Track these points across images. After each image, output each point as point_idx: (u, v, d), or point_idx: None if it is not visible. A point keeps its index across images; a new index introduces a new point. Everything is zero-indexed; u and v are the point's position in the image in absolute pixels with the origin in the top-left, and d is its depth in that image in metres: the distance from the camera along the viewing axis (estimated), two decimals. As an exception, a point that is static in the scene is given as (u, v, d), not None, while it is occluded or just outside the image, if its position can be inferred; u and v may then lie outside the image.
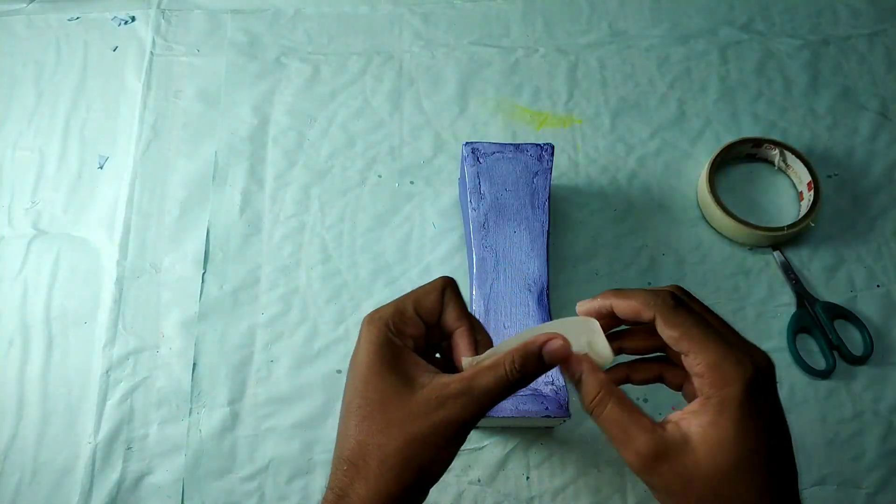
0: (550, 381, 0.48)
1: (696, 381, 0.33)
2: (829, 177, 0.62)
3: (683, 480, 0.31)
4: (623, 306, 0.35)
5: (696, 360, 0.32)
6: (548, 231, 0.53)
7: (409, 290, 0.58)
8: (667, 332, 0.33)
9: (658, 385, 0.41)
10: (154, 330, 0.58)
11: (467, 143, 0.55)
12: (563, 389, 0.48)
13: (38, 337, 0.58)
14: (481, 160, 0.55)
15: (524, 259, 0.53)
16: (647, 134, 0.65)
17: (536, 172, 0.55)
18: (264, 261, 0.60)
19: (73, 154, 0.65)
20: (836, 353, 0.56)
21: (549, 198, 0.54)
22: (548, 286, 0.52)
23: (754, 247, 0.60)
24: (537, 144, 0.56)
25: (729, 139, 0.62)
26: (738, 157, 0.63)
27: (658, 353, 0.38)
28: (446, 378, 0.34)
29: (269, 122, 0.66)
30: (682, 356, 0.33)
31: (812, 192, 0.59)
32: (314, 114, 0.66)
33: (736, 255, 0.60)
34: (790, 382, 0.55)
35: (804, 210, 0.59)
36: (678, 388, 0.37)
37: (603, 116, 0.65)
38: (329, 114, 0.66)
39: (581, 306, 0.38)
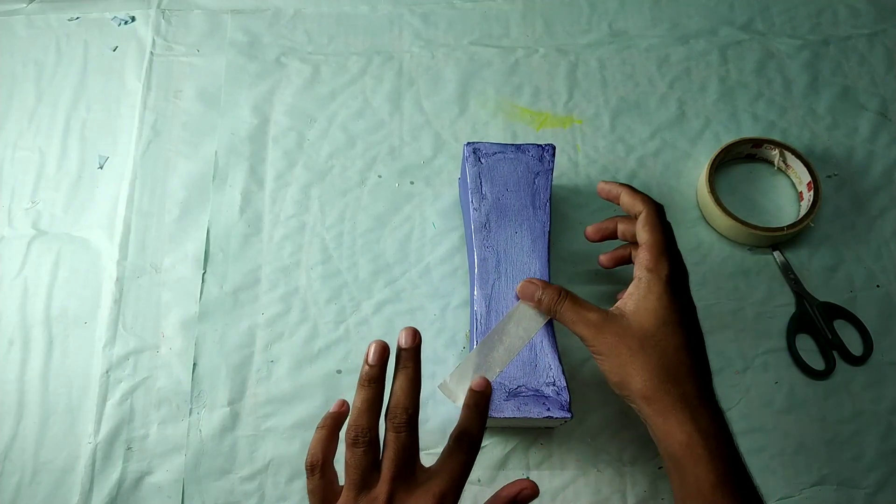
0: (552, 381, 0.48)
1: (636, 268, 0.45)
2: (829, 177, 0.62)
3: (619, 336, 0.43)
4: (627, 198, 0.48)
5: (642, 250, 0.45)
6: (549, 231, 0.54)
7: (409, 290, 0.59)
8: (642, 225, 0.46)
9: None
10: (154, 330, 0.58)
11: (469, 143, 0.55)
12: (564, 390, 0.48)
13: (38, 337, 0.58)
14: (483, 160, 0.55)
15: (525, 259, 0.53)
16: (647, 134, 0.65)
17: (538, 173, 0.55)
18: (264, 261, 0.60)
19: (73, 154, 0.65)
20: (835, 354, 0.56)
21: (550, 198, 0.54)
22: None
23: (754, 247, 0.60)
24: (538, 145, 0.55)
25: (729, 139, 0.62)
26: (738, 157, 0.63)
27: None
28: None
29: (269, 122, 0.66)
30: (637, 244, 0.46)
31: (812, 192, 0.59)
32: (314, 114, 0.66)
33: (736, 255, 0.60)
34: (790, 382, 0.55)
35: (804, 210, 0.59)
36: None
37: (603, 116, 0.65)
38: (329, 114, 0.66)
39: (602, 185, 0.51)
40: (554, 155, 0.56)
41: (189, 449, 0.54)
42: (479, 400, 0.43)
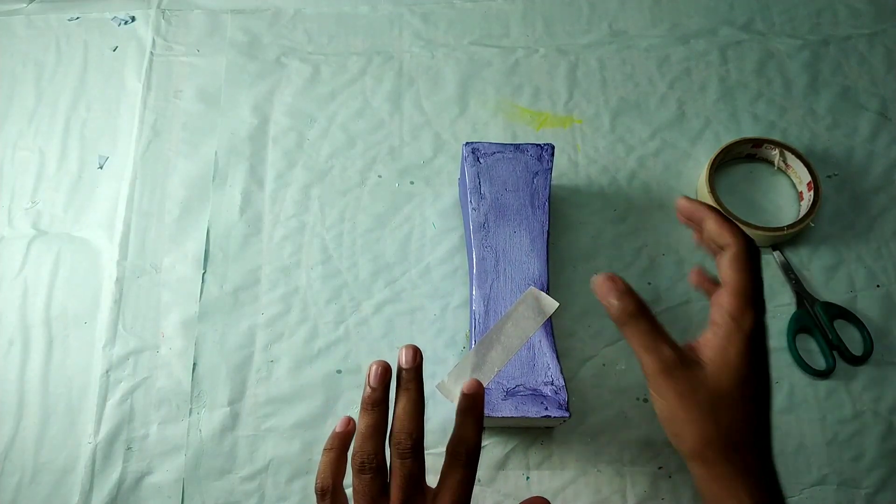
0: (550, 381, 0.48)
1: (715, 313, 0.39)
2: (829, 177, 0.62)
3: (692, 388, 0.37)
4: (713, 227, 0.40)
5: (728, 292, 0.38)
6: (548, 231, 0.54)
7: (409, 290, 0.59)
8: (728, 263, 0.39)
9: None
10: (154, 330, 0.58)
11: (467, 143, 0.55)
12: (562, 389, 0.48)
13: (38, 337, 0.58)
14: (481, 160, 0.55)
15: (524, 259, 0.53)
16: (647, 134, 0.65)
17: (536, 172, 0.55)
18: (264, 261, 0.60)
19: (73, 154, 0.65)
20: (835, 353, 0.56)
21: (549, 198, 0.54)
22: (548, 286, 0.52)
23: (754, 247, 0.60)
24: (538, 145, 0.56)
25: (729, 139, 0.62)
26: (738, 157, 0.63)
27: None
28: None
29: (269, 122, 0.66)
30: (721, 285, 0.39)
31: (812, 192, 0.59)
32: (314, 114, 0.66)
33: (736, 255, 0.60)
34: (790, 382, 0.55)
35: (804, 210, 0.59)
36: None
37: (603, 116, 0.65)
38: (329, 114, 0.66)
39: (682, 202, 0.43)
40: (553, 154, 0.55)
41: (189, 449, 0.54)
42: (472, 403, 0.40)
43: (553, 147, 0.56)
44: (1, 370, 0.57)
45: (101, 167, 0.65)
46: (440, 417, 0.54)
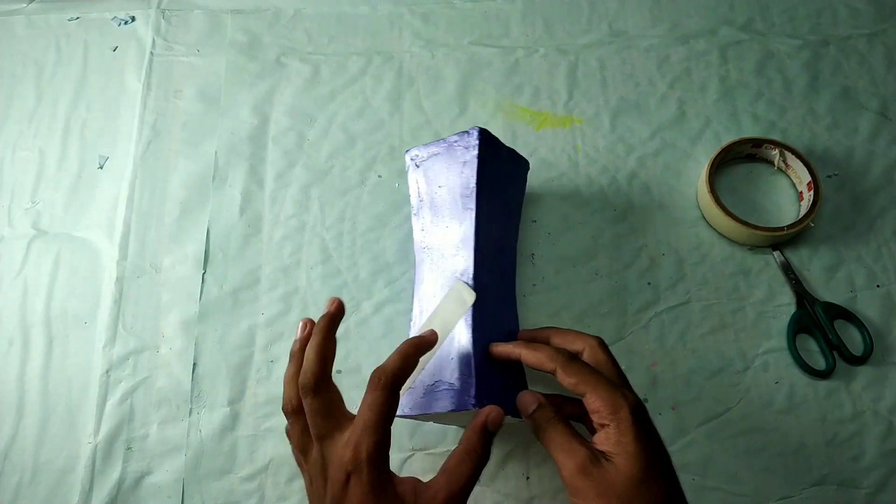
0: (468, 373, 0.45)
1: (595, 417, 0.40)
2: (829, 177, 0.62)
3: (607, 484, 0.38)
4: (530, 358, 0.44)
5: (591, 399, 0.40)
6: (478, 221, 0.50)
7: (409, 290, 0.59)
8: (566, 381, 0.42)
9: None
10: (154, 330, 0.58)
11: (408, 150, 0.55)
12: (471, 378, 0.45)
13: (38, 337, 0.58)
14: (419, 165, 0.54)
15: (454, 253, 0.50)
16: (647, 134, 0.65)
17: (464, 162, 0.51)
18: (264, 261, 0.60)
19: (73, 154, 0.65)
20: (835, 353, 0.56)
21: (477, 188, 0.50)
22: (475, 277, 0.48)
23: (754, 247, 0.60)
24: (464, 132, 0.52)
25: (729, 139, 0.62)
26: (738, 157, 0.63)
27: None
28: (431, 491, 0.39)
29: (269, 122, 0.66)
30: (583, 398, 0.41)
31: (812, 192, 0.59)
32: (314, 114, 0.66)
33: (736, 255, 0.60)
34: (790, 382, 0.55)
35: (804, 210, 0.59)
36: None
37: (603, 116, 0.65)
38: (329, 114, 0.66)
39: (495, 348, 0.47)
40: (481, 137, 0.51)
41: (189, 449, 0.54)
42: (409, 342, 0.42)
43: (480, 130, 0.51)
44: (1, 370, 0.57)
45: (101, 167, 0.65)
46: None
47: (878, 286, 0.58)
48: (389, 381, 0.39)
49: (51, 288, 0.60)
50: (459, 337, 0.47)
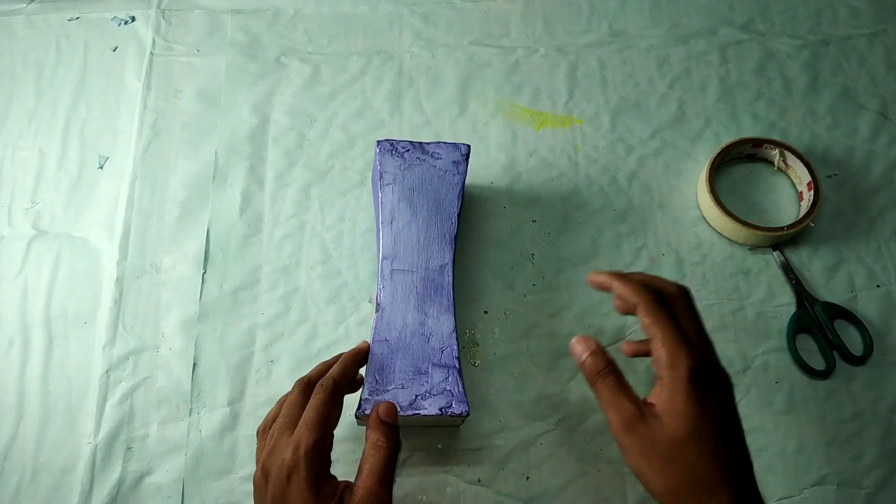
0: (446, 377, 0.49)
1: (655, 366, 0.41)
2: (829, 177, 0.62)
3: (651, 441, 0.39)
4: (621, 288, 0.44)
5: (656, 346, 0.41)
6: (455, 229, 0.54)
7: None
8: (643, 319, 0.42)
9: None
10: (154, 330, 0.58)
11: (378, 141, 0.56)
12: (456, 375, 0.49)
13: (38, 337, 0.58)
14: (395, 157, 0.56)
15: (430, 256, 0.53)
16: (647, 134, 0.65)
17: (450, 181, 0.55)
18: (264, 261, 0.60)
19: (73, 154, 0.65)
20: (835, 353, 0.56)
21: (460, 208, 0.54)
22: (453, 286, 0.52)
23: (754, 247, 0.60)
24: (454, 145, 0.56)
25: (729, 139, 0.62)
26: (738, 157, 0.63)
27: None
28: (352, 488, 0.41)
29: (269, 122, 0.66)
30: (651, 343, 0.41)
31: (812, 192, 0.59)
32: (314, 114, 0.66)
33: (736, 255, 0.60)
34: (790, 382, 0.55)
35: (804, 210, 0.59)
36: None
37: (603, 116, 0.65)
38: (329, 114, 0.66)
39: (592, 276, 0.48)
40: (468, 158, 0.56)
41: (189, 449, 0.54)
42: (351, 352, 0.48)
43: (468, 147, 0.56)
44: (1, 370, 0.57)
45: (101, 167, 0.65)
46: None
47: (878, 286, 0.58)
48: (331, 385, 0.44)
49: (51, 288, 0.60)
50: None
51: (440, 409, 0.47)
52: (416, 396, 0.48)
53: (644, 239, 0.60)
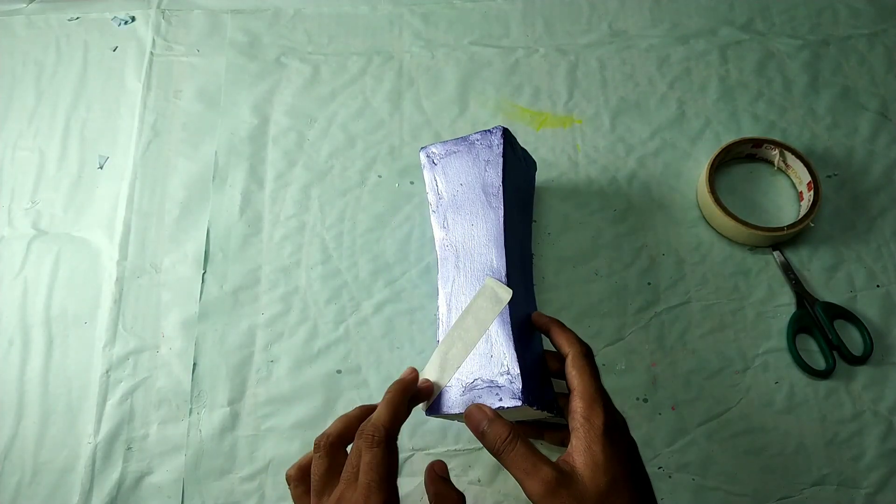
0: (506, 370, 0.46)
1: (571, 420, 0.41)
2: (829, 177, 0.62)
3: (578, 501, 0.38)
4: (559, 335, 0.46)
5: (575, 397, 0.41)
6: (504, 218, 0.51)
7: (409, 290, 0.59)
8: (569, 370, 0.43)
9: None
10: (154, 330, 0.58)
11: (423, 148, 0.55)
12: (517, 378, 0.45)
13: (38, 337, 0.58)
14: (437, 162, 0.54)
15: (483, 251, 0.50)
16: (647, 134, 0.65)
17: (488, 160, 0.52)
18: (264, 261, 0.60)
19: (73, 154, 0.65)
20: (835, 353, 0.56)
21: (503, 186, 0.51)
22: (507, 274, 0.49)
23: (754, 247, 0.60)
24: (487, 130, 0.53)
25: (729, 139, 0.62)
26: (738, 157, 0.63)
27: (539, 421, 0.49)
28: None
29: (269, 122, 0.66)
30: (570, 392, 0.42)
31: (812, 192, 0.59)
32: (314, 114, 0.66)
33: (736, 255, 0.60)
34: (790, 382, 0.55)
35: (804, 210, 0.59)
36: (558, 442, 0.50)
37: (603, 116, 0.65)
38: (329, 114, 0.66)
39: (535, 317, 0.48)
40: (504, 136, 0.52)
41: (189, 449, 0.54)
42: (392, 388, 0.44)
43: (503, 129, 0.52)
44: (1, 370, 0.57)
45: (101, 167, 0.65)
46: (438, 420, 0.54)
47: (878, 286, 0.58)
48: (383, 437, 0.40)
49: (51, 288, 0.60)
50: (497, 333, 0.47)
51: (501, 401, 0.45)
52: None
53: (644, 239, 0.60)
